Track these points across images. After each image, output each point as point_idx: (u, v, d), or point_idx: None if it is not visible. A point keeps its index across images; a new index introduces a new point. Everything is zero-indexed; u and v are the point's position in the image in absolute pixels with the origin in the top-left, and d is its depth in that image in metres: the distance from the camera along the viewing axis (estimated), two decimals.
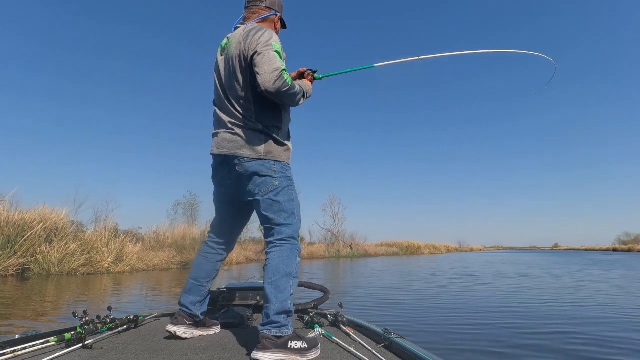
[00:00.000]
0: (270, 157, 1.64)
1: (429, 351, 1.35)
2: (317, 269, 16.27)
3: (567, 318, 4.74)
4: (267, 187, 1.62)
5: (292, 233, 1.63)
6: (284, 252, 1.58)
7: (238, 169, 1.64)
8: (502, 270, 14.05)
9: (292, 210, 1.66)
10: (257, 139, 1.65)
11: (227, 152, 1.66)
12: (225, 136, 1.68)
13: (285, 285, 1.52)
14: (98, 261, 11.17)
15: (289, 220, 1.64)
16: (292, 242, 1.63)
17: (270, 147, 1.65)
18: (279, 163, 1.67)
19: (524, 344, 3.48)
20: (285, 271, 1.54)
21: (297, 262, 1.61)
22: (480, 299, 6.59)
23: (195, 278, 1.83)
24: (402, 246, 42.27)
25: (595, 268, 15.68)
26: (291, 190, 1.69)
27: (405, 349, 1.40)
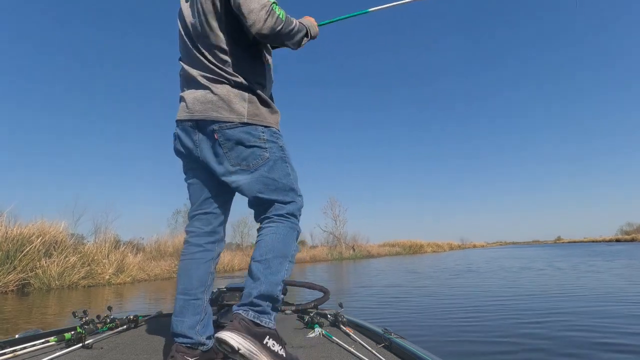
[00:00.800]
0: (256, 120, 1.33)
1: (429, 351, 1.34)
2: (321, 271, 16.15)
3: (578, 314, 4.65)
4: (256, 160, 1.31)
5: (293, 210, 1.36)
6: (281, 229, 1.31)
7: (217, 137, 1.30)
8: (506, 265, 13.96)
9: (291, 185, 1.38)
10: (239, 97, 1.32)
11: (199, 116, 1.32)
12: (197, 95, 1.35)
13: (278, 267, 1.27)
14: (99, 273, 11.07)
15: (289, 197, 1.37)
16: (292, 220, 1.36)
17: (255, 108, 1.34)
18: (268, 129, 1.36)
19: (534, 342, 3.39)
20: (280, 251, 1.29)
21: (295, 245, 1.35)
22: (488, 295, 6.52)
23: (185, 291, 1.38)
24: (404, 245, 42.22)
25: (599, 259, 15.61)
26: (286, 162, 1.39)
27: (405, 349, 1.39)
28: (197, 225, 1.47)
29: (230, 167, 1.32)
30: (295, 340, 1.63)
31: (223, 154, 1.32)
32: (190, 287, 1.39)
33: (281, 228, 1.31)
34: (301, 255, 28.01)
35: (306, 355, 1.41)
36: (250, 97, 1.34)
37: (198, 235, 1.46)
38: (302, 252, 29.40)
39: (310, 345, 1.55)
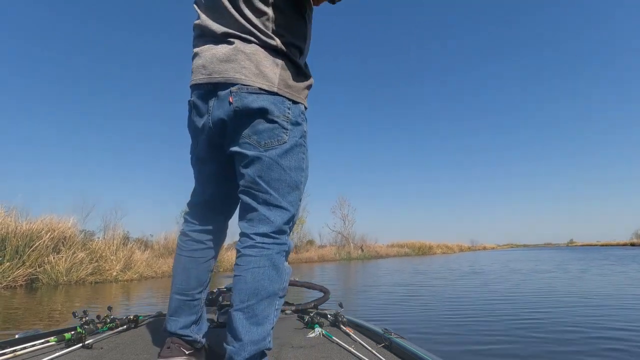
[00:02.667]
0: (287, 92, 1.09)
1: (429, 351, 1.33)
2: (330, 271, 16.02)
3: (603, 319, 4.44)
4: (272, 139, 1.07)
5: (282, 224, 1.09)
6: (265, 260, 1.05)
7: (232, 100, 1.05)
8: (537, 270, 13.62)
9: (298, 182, 1.13)
10: (272, 61, 1.08)
11: (219, 78, 1.07)
12: (217, 52, 1.09)
13: (266, 313, 1.04)
14: (106, 269, 11.13)
15: (288, 200, 1.11)
16: (281, 240, 1.10)
17: (288, 78, 1.10)
18: (296, 106, 1.12)
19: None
20: (267, 291, 1.04)
21: (285, 272, 1.11)
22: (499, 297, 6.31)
23: (182, 291, 1.23)
24: (413, 246, 41.81)
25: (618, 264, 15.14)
26: (303, 154, 1.15)
27: (405, 349, 1.38)
28: (201, 219, 1.28)
29: (237, 137, 1.08)
30: (295, 340, 1.61)
31: (235, 122, 1.07)
32: (187, 287, 1.24)
33: (265, 258, 1.05)
34: (309, 254, 27.96)
35: (306, 355, 1.39)
36: (284, 63, 1.10)
37: (201, 231, 1.27)
38: (310, 251, 29.35)
39: (310, 345, 1.53)
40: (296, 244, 30.51)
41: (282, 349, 1.48)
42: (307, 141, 1.18)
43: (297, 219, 1.19)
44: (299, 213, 1.21)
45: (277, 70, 1.09)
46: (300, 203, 1.18)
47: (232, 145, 1.10)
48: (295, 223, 1.20)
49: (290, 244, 1.17)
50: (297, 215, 1.17)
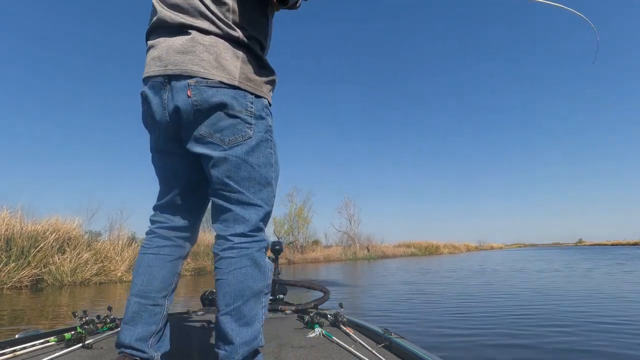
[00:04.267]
0: (249, 86, 1.05)
1: (429, 351, 1.33)
2: (336, 271, 15.89)
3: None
4: (236, 135, 1.02)
5: (258, 220, 1.06)
6: (245, 260, 1.02)
7: (190, 94, 1.00)
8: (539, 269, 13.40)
9: (269, 178, 1.10)
10: (231, 53, 1.04)
11: (174, 70, 1.01)
12: (173, 43, 1.03)
13: (254, 312, 1.01)
14: (111, 270, 11.14)
15: (260, 197, 1.07)
16: (259, 237, 1.07)
17: (249, 71, 1.06)
18: (259, 100, 1.08)
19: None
20: (252, 290, 1.01)
21: (268, 267, 1.08)
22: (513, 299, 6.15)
23: (142, 292, 1.11)
24: (420, 246, 41.55)
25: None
26: (271, 149, 1.11)
27: (405, 349, 1.38)
28: (169, 217, 1.19)
29: (197, 134, 1.03)
30: (295, 340, 1.60)
31: (194, 118, 1.01)
32: (150, 288, 1.12)
33: (245, 258, 1.02)
34: (315, 255, 27.90)
35: (306, 355, 1.39)
36: (245, 56, 1.06)
37: (169, 227, 1.19)
38: (316, 251, 29.28)
39: (310, 345, 1.53)
40: (302, 244, 30.46)
41: (282, 349, 1.48)
42: (274, 136, 1.14)
43: (271, 215, 1.15)
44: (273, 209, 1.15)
45: (238, 63, 1.04)
46: (274, 199, 1.14)
47: (194, 144, 1.05)
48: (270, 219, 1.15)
49: (267, 241, 1.14)
50: (272, 208, 1.13)
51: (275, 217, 30.44)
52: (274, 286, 2.63)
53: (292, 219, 30.93)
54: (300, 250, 29.18)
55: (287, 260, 25.08)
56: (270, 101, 1.15)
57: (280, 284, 2.65)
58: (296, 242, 30.30)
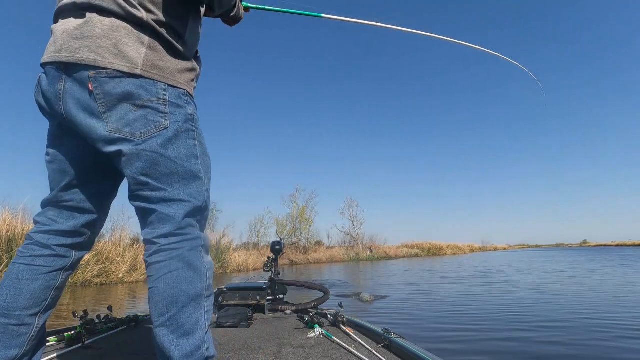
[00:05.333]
0: (156, 75, 0.94)
1: (428, 351, 1.34)
2: (338, 271, 15.78)
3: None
4: (148, 127, 0.92)
5: (186, 216, 0.94)
6: (175, 263, 0.90)
7: (92, 88, 0.89)
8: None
9: (195, 171, 0.98)
10: (134, 38, 0.92)
11: (69, 57, 0.90)
12: (69, 27, 0.92)
13: (194, 319, 0.90)
14: (112, 271, 11.09)
15: (187, 192, 0.95)
16: (191, 234, 0.95)
17: (157, 58, 0.95)
18: (174, 89, 0.96)
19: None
20: (188, 294, 0.90)
21: (207, 267, 0.96)
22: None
23: (4, 311, 0.93)
24: (423, 247, 41.39)
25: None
26: (194, 139, 0.99)
27: (405, 349, 1.38)
28: (52, 216, 1.03)
29: (105, 132, 0.90)
30: (295, 340, 1.60)
31: (99, 113, 0.90)
32: (14, 305, 0.93)
33: (176, 260, 0.90)
34: (318, 255, 27.82)
35: (306, 355, 1.39)
36: (152, 41, 0.94)
37: (50, 232, 1.01)
38: (319, 252, 29.19)
39: (310, 345, 1.53)
40: (304, 245, 30.36)
41: (282, 349, 1.47)
42: (198, 126, 1.02)
43: (208, 211, 1.03)
44: (209, 203, 1.04)
45: (143, 49, 0.92)
46: (207, 193, 1.02)
47: (102, 143, 0.92)
48: (207, 215, 1.03)
49: (206, 238, 1.00)
50: (207, 206, 1.01)
51: (277, 218, 30.43)
52: (274, 286, 2.62)
53: (294, 220, 30.87)
54: (302, 251, 29.09)
55: (289, 260, 25.01)
56: (191, 92, 1.03)
57: (280, 284, 2.65)
58: (298, 242, 30.21)
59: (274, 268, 2.79)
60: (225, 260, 16.21)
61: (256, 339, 1.64)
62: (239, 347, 1.53)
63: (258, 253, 20.29)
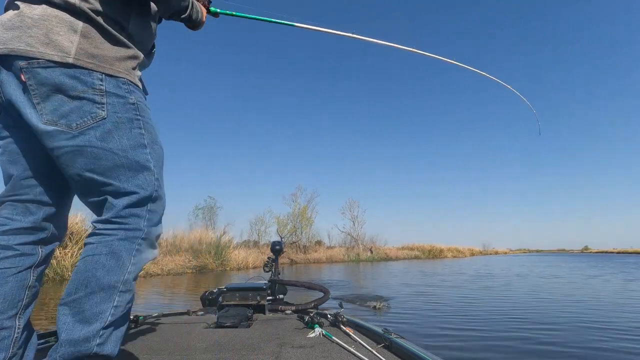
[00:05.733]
0: (91, 64, 0.91)
1: (428, 351, 1.34)
2: (339, 273, 15.75)
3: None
4: (84, 118, 0.89)
5: (130, 205, 0.93)
6: (105, 246, 0.90)
7: (25, 79, 0.87)
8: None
9: (143, 161, 0.96)
10: (66, 25, 0.90)
11: (2, 49, 0.89)
12: (3, 19, 0.92)
13: (98, 309, 0.86)
14: None
15: (135, 183, 0.94)
16: (130, 225, 0.93)
17: (92, 46, 0.91)
18: (112, 79, 0.93)
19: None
20: (101, 282, 0.87)
21: (130, 261, 0.92)
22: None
23: None
24: (423, 249, 41.29)
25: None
26: (140, 128, 0.97)
27: (405, 349, 1.38)
28: (6, 215, 0.98)
29: (41, 124, 0.88)
30: (295, 341, 1.60)
31: (34, 104, 0.88)
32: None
33: (102, 245, 0.89)
34: (318, 255, 27.79)
35: (306, 355, 1.39)
36: (86, 28, 0.91)
37: (7, 232, 0.96)
38: (319, 252, 29.16)
39: (310, 345, 1.52)
40: (305, 244, 30.34)
41: (282, 349, 1.47)
42: (146, 114, 1.00)
43: (160, 201, 1.00)
44: (162, 193, 1.01)
45: (76, 37, 0.90)
46: (157, 182, 1.00)
47: (40, 136, 0.90)
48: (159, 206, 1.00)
49: (152, 232, 0.97)
50: (158, 196, 0.99)
51: (278, 217, 30.42)
52: (274, 286, 2.62)
53: (295, 219, 30.85)
54: (302, 250, 29.07)
55: (289, 259, 24.99)
56: (134, 80, 1.00)
57: (280, 284, 2.65)
58: (299, 241, 30.19)
59: (274, 268, 2.79)
60: (225, 258, 16.21)
61: (256, 339, 1.64)
62: (239, 347, 1.52)
63: (258, 251, 20.27)
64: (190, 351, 1.48)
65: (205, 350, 1.48)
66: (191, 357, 1.40)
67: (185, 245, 15.67)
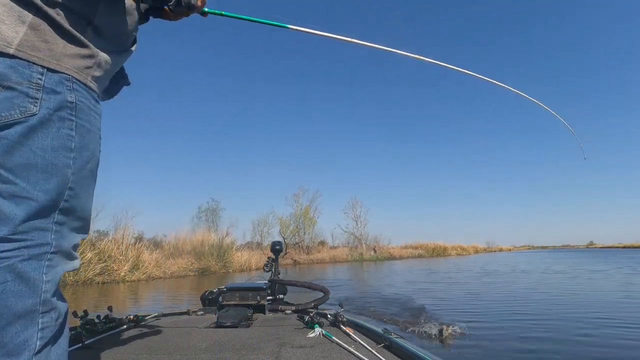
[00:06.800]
0: (34, 57, 0.84)
1: (428, 351, 1.34)
2: (343, 273, 15.65)
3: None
4: (11, 111, 0.81)
5: (30, 217, 0.80)
6: (8, 271, 0.77)
7: None
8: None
9: (59, 167, 0.85)
10: (13, 15, 0.84)
11: None
12: None
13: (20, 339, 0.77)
14: (114, 269, 11.04)
15: (42, 188, 0.81)
16: (34, 241, 0.80)
17: (39, 39, 0.85)
18: (54, 74, 0.86)
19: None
20: (15, 311, 0.77)
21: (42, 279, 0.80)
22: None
23: None
24: (427, 248, 41.15)
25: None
26: (71, 130, 0.87)
27: (405, 349, 1.38)
28: None
29: None
30: (295, 340, 1.60)
31: None
32: None
33: (4, 272, 0.77)
34: (321, 255, 27.72)
35: (306, 355, 1.39)
36: (36, 20, 0.85)
37: None
38: (322, 252, 29.08)
39: (310, 345, 1.52)
40: (307, 245, 30.26)
41: (282, 349, 1.47)
42: (82, 116, 0.89)
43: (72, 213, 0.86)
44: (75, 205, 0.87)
45: (22, 28, 0.83)
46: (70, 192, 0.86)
47: None
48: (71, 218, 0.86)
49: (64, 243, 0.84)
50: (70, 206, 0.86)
51: (281, 218, 30.36)
52: (274, 286, 2.66)
53: (298, 219, 30.78)
54: (306, 251, 28.99)
55: (292, 260, 24.90)
56: (82, 79, 0.91)
57: (280, 284, 2.68)
58: (302, 242, 30.12)
59: (274, 268, 2.80)
60: (228, 260, 16.15)
61: (256, 339, 1.64)
62: (239, 347, 1.52)
63: (261, 253, 20.19)
64: (190, 351, 1.48)
65: (205, 350, 1.49)
66: (191, 357, 1.40)
67: (188, 247, 15.64)
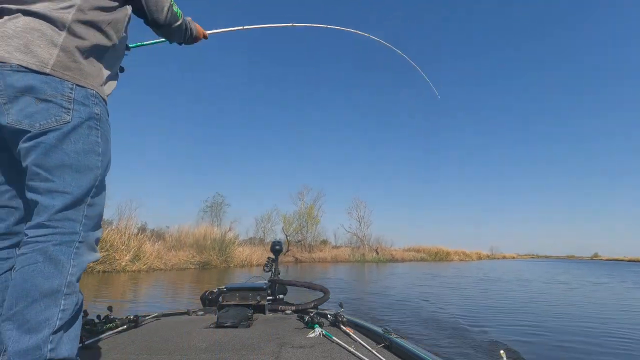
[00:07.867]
0: (66, 75, 0.96)
1: (428, 351, 1.34)
2: (344, 272, 15.55)
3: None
4: (49, 120, 0.93)
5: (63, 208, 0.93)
6: (40, 253, 0.88)
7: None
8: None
9: (89, 167, 0.98)
10: (46, 39, 0.95)
11: None
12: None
13: (43, 316, 0.85)
14: (116, 259, 11.06)
15: (75, 184, 0.94)
16: (65, 229, 0.92)
17: (71, 60, 0.97)
18: (82, 89, 0.98)
19: None
20: (43, 289, 0.86)
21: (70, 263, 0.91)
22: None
23: None
24: (430, 252, 40.90)
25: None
26: (97, 137, 1.01)
27: (405, 349, 1.38)
28: None
29: (5, 124, 0.92)
30: (295, 340, 1.60)
31: (1, 104, 0.92)
32: None
33: (37, 253, 0.88)
34: (323, 254, 27.65)
35: (306, 355, 1.39)
36: (68, 41, 0.97)
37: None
38: (324, 251, 29.01)
39: (310, 345, 1.53)
40: (310, 243, 30.20)
41: (282, 349, 1.47)
42: (105, 126, 1.05)
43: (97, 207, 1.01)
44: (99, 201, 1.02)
45: (55, 51, 0.95)
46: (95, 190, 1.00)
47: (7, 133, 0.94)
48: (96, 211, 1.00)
49: (90, 234, 0.97)
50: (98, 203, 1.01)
51: (284, 215, 30.33)
52: (274, 286, 2.66)
53: (301, 218, 30.73)
54: (308, 249, 28.94)
55: (294, 258, 24.85)
56: (102, 95, 1.06)
57: (280, 284, 2.68)
58: (304, 240, 30.06)
59: (274, 268, 2.80)
60: (229, 255, 16.12)
61: (256, 339, 1.63)
62: (239, 347, 1.52)
63: (263, 249, 20.18)
64: (190, 351, 1.48)
65: (205, 350, 1.48)
66: (191, 357, 1.40)
67: (190, 240, 15.64)
